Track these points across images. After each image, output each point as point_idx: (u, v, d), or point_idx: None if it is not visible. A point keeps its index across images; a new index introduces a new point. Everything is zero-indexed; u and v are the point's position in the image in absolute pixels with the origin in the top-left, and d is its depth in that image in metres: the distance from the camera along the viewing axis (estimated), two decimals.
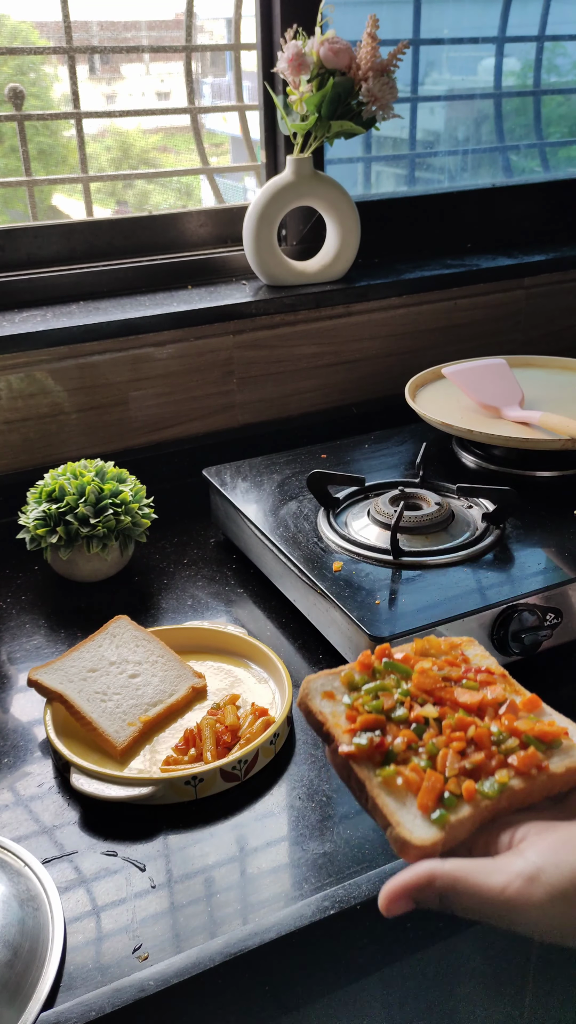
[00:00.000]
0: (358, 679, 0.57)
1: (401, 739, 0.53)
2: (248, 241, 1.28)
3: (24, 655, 0.95)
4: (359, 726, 0.54)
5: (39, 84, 1.34)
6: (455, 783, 0.50)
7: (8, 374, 1.17)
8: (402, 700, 0.55)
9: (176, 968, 0.59)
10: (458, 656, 0.60)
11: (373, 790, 0.51)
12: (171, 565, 1.10)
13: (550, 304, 1.53)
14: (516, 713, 0.55)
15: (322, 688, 0.57)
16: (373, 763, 0.52)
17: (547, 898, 0.44)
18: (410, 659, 0.59)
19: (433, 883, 0.46)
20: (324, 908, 0.63)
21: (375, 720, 0.54)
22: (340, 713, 0.55)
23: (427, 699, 0.56)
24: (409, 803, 0.50)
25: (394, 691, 0.56)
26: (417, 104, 1.57)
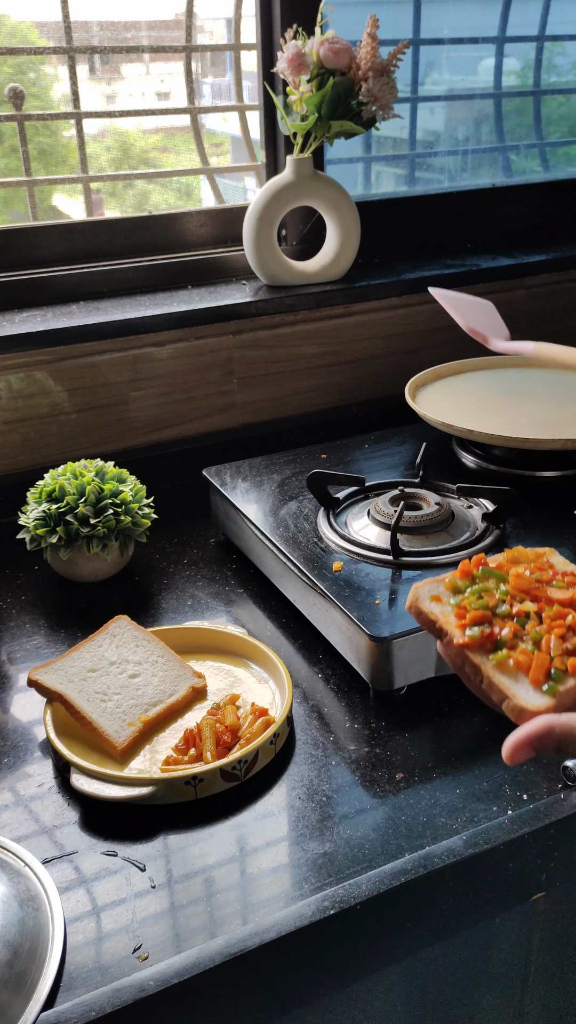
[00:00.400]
0: (461, 584, 0.63)
1: (508, 629, 0.59)
2: (248, 241, 1.28)
3: (24, 655, 0.95)
4: (469, 621, 0.60)
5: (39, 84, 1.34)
6: (560, 661, 0.57)
7: (8, 374, 1.17)
8: (503, 599, 0.62)
9: (176, 968, 0.59)
10: (545, 563, 0.66)
11: (488, 672, 0.58)
12: (171, 565, 1.10)
13: (550, 304, 1.53)
14: None
15: (430, 593, 0.63)
16: (485, 651, 0.59)
17: None
18: (504, 567, 0.65)
19: (552, 731, 0.53)
20: (324, 908, 0.63)
21: (483, 615, 0.60)
22: (449, 612, 0.62)
23: (524, 597, 0.62)
24: (521, 680, 0.57)
25: (495, 591, 0.62)
26: (417, 104, 1.57)
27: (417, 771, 0.77)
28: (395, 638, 0.81)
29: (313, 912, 0.63)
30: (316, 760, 0.79)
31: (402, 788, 0.75)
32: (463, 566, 0.65)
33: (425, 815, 0.72)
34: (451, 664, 0.61)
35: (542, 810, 0.70)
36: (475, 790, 0.75)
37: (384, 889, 0.64)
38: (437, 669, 0.84)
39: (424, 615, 0.63)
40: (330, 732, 0.82)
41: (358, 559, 0.93)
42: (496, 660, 0.58)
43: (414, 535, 0.95)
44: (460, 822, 0.71)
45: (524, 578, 0.63)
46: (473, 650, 0.59)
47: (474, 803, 0.73)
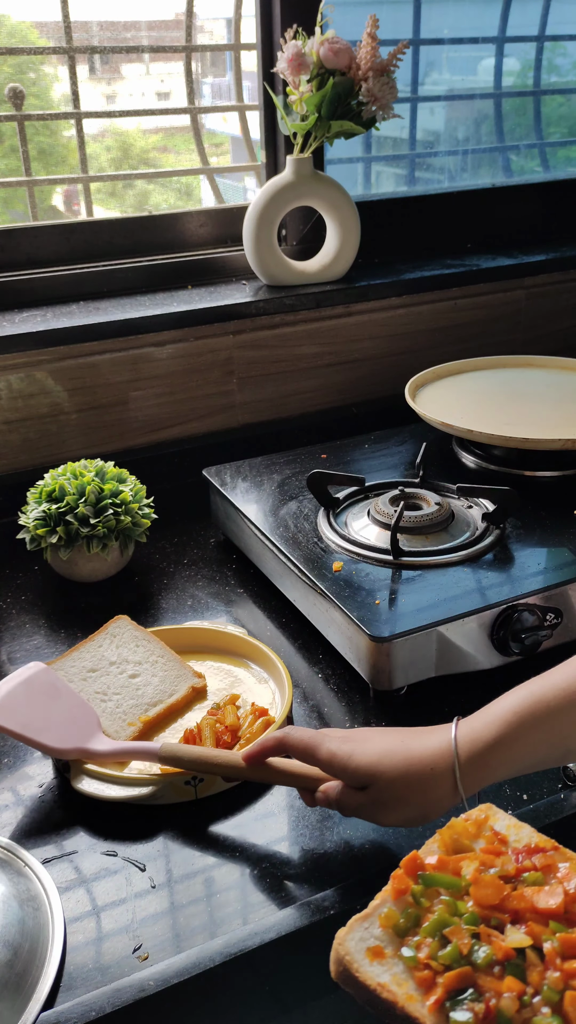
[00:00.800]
0: (401, 918, 0.44)
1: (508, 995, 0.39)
2: (248, 241, 1.28)
3: (24, 655, 0.95)
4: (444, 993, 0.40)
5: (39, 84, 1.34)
6: None
7: (8, 374, 1.17)
8: (474, 931, 0.42)
9: (176, 968, 0.59)
10: (492, 839, 0.48)
11: None
12: (171, 565, 1.10)
13: (550, 304, 1.53)
14: None
15: (364, 945, 0.43)
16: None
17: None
18: (447, 863, 0.46)
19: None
20: (324, 908, 0.63)
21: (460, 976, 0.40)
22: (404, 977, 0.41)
23: (501, 918, 0.43)
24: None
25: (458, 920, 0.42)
26: (417, 104, 1.57)
27: None
28: (395, 638, 0.81)
29: (313, 912, 0.63)
30: None
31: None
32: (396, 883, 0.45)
33: None
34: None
35: (542, 810, 0.70)
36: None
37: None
38: (437, 670, 0.84)
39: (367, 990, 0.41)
40: None
41: (358, 559, 0.93)
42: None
43: (414, 535, 0.95)
44: None
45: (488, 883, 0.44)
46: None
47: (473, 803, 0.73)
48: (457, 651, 0.84)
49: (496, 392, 1.23)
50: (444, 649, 0.83)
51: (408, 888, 0.44)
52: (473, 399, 1.20)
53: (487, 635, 0.85)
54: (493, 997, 0.39)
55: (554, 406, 1.16)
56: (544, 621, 0.86)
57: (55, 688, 0.80)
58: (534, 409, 1.16)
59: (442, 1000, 0.40)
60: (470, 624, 0.84)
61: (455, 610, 0.84)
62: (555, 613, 0.87)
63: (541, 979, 0.39)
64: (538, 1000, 0.39)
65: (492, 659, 0.86)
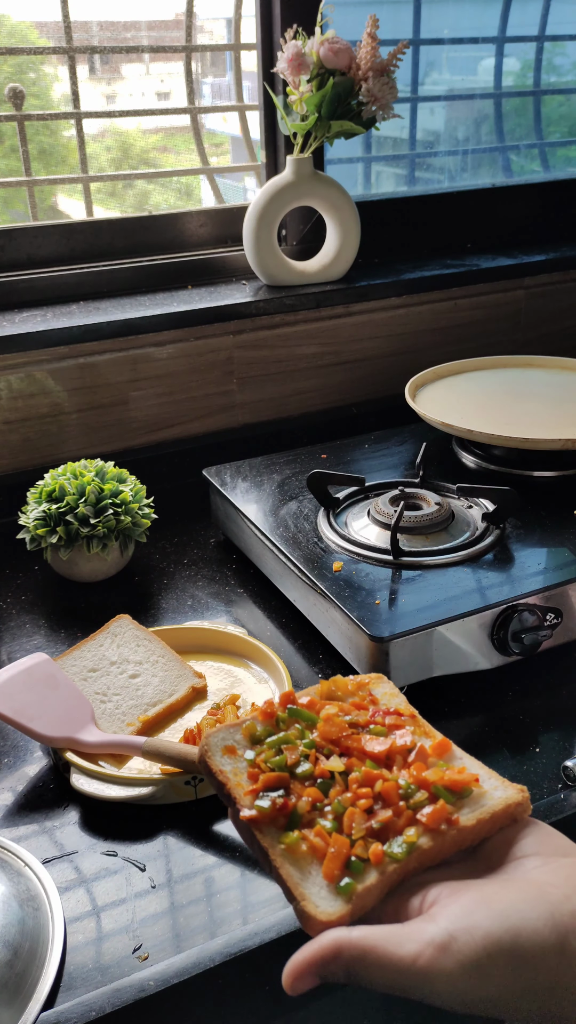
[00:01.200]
0: (261, 731, 0.53)
1: (306, 799, 0.49)
2: (248, 241, 1.28)
3: (24, 655, 0.95)
4: (261, 786, 0.50)
5: (39, 84, 1.34)
6: (362, 846, 0.47)
7: (8, 374, 1.17)
8: (307, 752, 0.52)
9: (176, 968, 0.59)
10: (366, 697, 0.57)
11: (276, 859, 0.47)
12: (171, 565, 1.10)
13: (550, 304, 1.53)
14: (426, 761, 0.52)
15: (223, 743, 0.53)
16: (277, 827, 0.49)
17: (459, 969, 0.41)
18: (316, 704, 0.55)
19: (340, 956, 0.42)
20: None
21: (278, 778, 0.50)
22: (242, 771, 0.51)
23: (333, 750, 0.52)
24: (314, 872, 0.47)
25: (298, 743, 0.52)
26: (417, 104, 1.57)
27: None
28: (395, 638, 0.81)
29: None
30: None
31: None
32: (266, 706, 0.54)
33: None
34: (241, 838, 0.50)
35: (542, 810, 0.70)
36: None
37: None
38: (437, 670, 0.84)
39: (213, 774, 0.51)
40: None
41: (358, 559, 0.93)
42: (287, 843, 0.47)
43: (414, 535, 0.95)
44: None
45: (335, 723, 0.53)
46: (262, 827, 0.48)
47: None
48: (457, 651, 0.84)
49: (496, 392, 1.23)
50: (444, 649, 0.83)
51: (275, 714, 0.54)
52: (473, 399, 1.20)
53: (487, 635, 0.85)
54: (295, 798, 0.49)
55: (554, 406, 1.16)
56: (544, 621, 0.86)
57: (54, 679, 0.83)
58: (534, 409, 1.16)
59: (258, 791, 0.50)
60: (470, 624, 0.84)
61: (455, 610, 0.84)
62: (555, 613, 0.87)
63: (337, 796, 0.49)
64: (328, 810, 0.49)
65: (492, 659, 0.86)
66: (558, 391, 1.22)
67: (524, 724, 0.82)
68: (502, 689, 0.86)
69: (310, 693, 0.56)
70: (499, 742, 0.80)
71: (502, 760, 0.78)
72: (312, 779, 0.50)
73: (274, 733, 0.54)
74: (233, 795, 0.50)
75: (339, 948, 0.42)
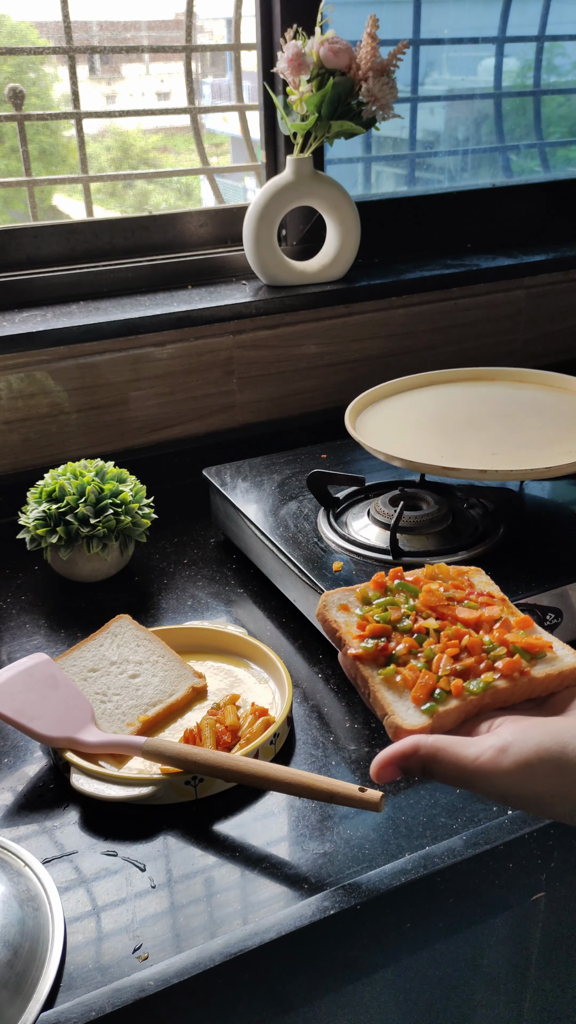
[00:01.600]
0: (371, 595, 0.64)
1: (403, 645, 0.60)
2: (248, 241, 1.28)
3: (24, 655, 0.95)
4: (367, 633, 0.61)
5: (39, 84, 1.34)
6: (446, 681, 0.57)
7: (8, 374, 1.17)
8: (408, 614, 0.62)
9: (176, 968, 0.59)
10: (464, 581, 0.66)
11: (374, 686, 0.58)
12: (171, 565, 1.10)
13: (550, 304, 1.53)
14: (508, 628, 0.61)
15: (339, 602, 0.64)
16: (377, 664, 0.60)
17: (514, 767, 0.50)
18: (420, 581, 0.65)
19: (417, 752, 0.53)
20: (324, 908, 0.63)
21: (382, 628, 0.61)
22: (352, 623, 0.63)
23: (431, 614, 0.62)
24: (404, 697, 0.57)
25: (402, 606, 0.63)
26: (417, 104, 1.57)
27: None
28: None
29: (313, 912, 0.63)
30: (316, 760, 0.79)
31: (402, 788, 0.75)
32: (377, 578, 0.65)
33: (425, 815, 0.72)
34: (347, 674, 0.62)
35: None
36: None
37: (384, 889, 0.64)
38: None
39: (328, 623, 0.63)
40: (330, 732, 0.82)
41: (358, 559, 0.93)
42: (384, 675, 0.59)
43: (414, 535, 0.95)
44: (460, 822, 0.71)
45: (435, 594, 0.63)
46: (365, 662, 0.60)
47: (474, 803, 0.73)
48: None
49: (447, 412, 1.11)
50: None
51: (385, 584, 0.65)
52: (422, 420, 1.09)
53: None
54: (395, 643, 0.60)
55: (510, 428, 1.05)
56: (544, 621, 0.86)
57: (54, 679, 0.83)
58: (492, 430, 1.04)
59: (364, 636, 0.61)
60: None
61: None
62: (555, 613, 0.87)
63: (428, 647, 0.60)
64: (421, 655, 0.59)
65: None
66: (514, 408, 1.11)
67: None
68: None
69: (416, 573, 0.66)
70: None
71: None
72: (411, 633, 0.61)
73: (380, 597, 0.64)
74: (343, 638, 0.61)
75: (417, 746, 0.53)
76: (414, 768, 0.53)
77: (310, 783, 0.68)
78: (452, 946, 0.73)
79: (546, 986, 0.80)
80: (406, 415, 1.11)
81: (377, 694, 0.58)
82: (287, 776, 0.69)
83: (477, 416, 1.09)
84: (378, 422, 1.09)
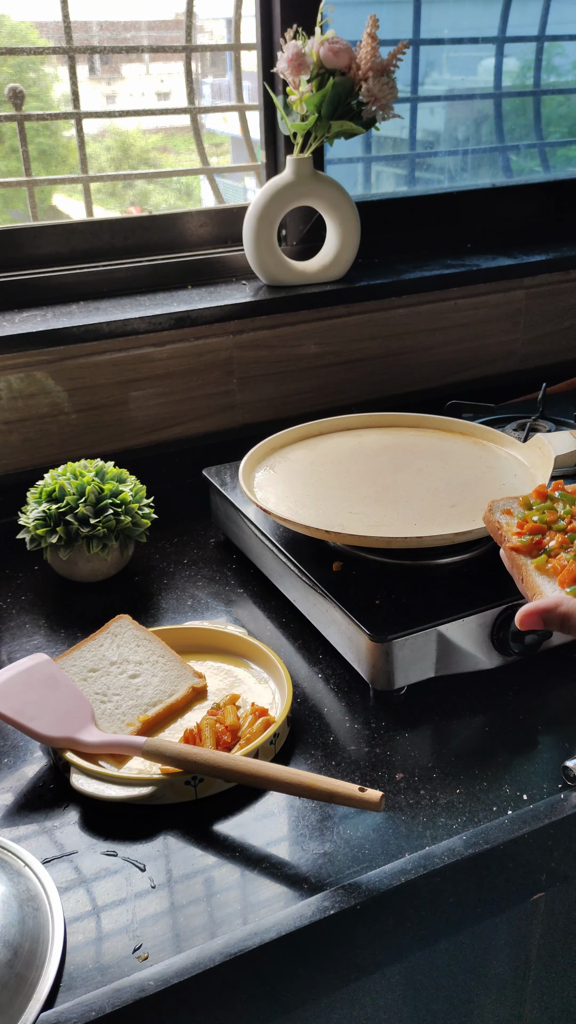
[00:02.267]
0: (533, 502, 0.72)
1: (556, 541, 0.68)
2: (248, 241, 1.28)
3: (24, 655, 0.95)
4: (525, 530, 0.69)
5: (39, 84, 1.34)
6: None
7: (8, 374, 1.17)
8: (564, 516, 0.70)
9: (176, 968, 0.59)
10: None
11: (527, 572, 0.66)
12: (171, 565, 1.10)
13: (550, 304, 1.53)
14: None
15: (503, 507, 0.73)
16: (531, 555, 0.68)
17: None
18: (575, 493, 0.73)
19: (559, 606, 0.61)
20: (324, 908, 0.63)
21: (537, 527, 0.69)
22: (513, 523, 0.71)
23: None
24: (552, 581, 0.66)
25: (559, 510, 0.71)
26: (417, 104, 1.57)
27: (417, 771, 0.77)
28: (395, 638, 0.81)
29: (313, 912, 0.63)
30: (316, 760, 0.79)
31: (402, 788, 0.75)
32: (539, 488, 0.74)
33: (425, 815, 0.72)
34: (507, 566, 0.71)
35: (542, 810, 0.70)
36: (475, 790, 0.75)
37: (384, 889, 0.64)
38: (437, 670, 0.84)
39: (491, 523, 0.73)
40: (330, 732, 0.82)
41: (358, 559, 0.93)
42: (536, 563, 0.67)
43: None
44: (460, 822, 0.71)
45: None
46: (521, 553, 0.68)
47: (474, 803, 0.73)
48: (457, 651, 0.84)
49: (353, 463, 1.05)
50: (444, 649, 0.83)
51: (546, 493, 0.73)
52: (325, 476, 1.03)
53: (487, 635, 0.85)
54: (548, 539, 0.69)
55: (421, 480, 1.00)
56: None
57: (54, 679, 0.83)
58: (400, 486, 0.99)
59: (522, 533, 0.70)
60: (470, 624, 0.84)
61: (455, 610, 0.84)
62: None
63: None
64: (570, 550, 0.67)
65: (492, 659, 0.86)
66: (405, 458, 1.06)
67: (524, 724, 0.82)
68: (502, 689, 0.86)
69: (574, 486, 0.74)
70: (499, 742, 0.80)
71: (502, 760, 0.78)
72: (564, 532, 0.68)
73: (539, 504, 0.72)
74: (503, 534, 0.70)
75: (560, 602, 0.61)
76: (554, 621, 0.61)
77: (310, 783, 0.68)
78: (452, 946, 0.73)
79: (546, 986, 0.80)
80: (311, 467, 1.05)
81: (528, 578, 0.66)
82: (287, 776, 0.69)
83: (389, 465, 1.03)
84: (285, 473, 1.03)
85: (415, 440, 1.11)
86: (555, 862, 0.71)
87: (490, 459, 1.04)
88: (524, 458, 1.03)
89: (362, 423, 1.16)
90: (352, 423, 1.16)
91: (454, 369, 1.49)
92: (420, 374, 1.46)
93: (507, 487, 0.96)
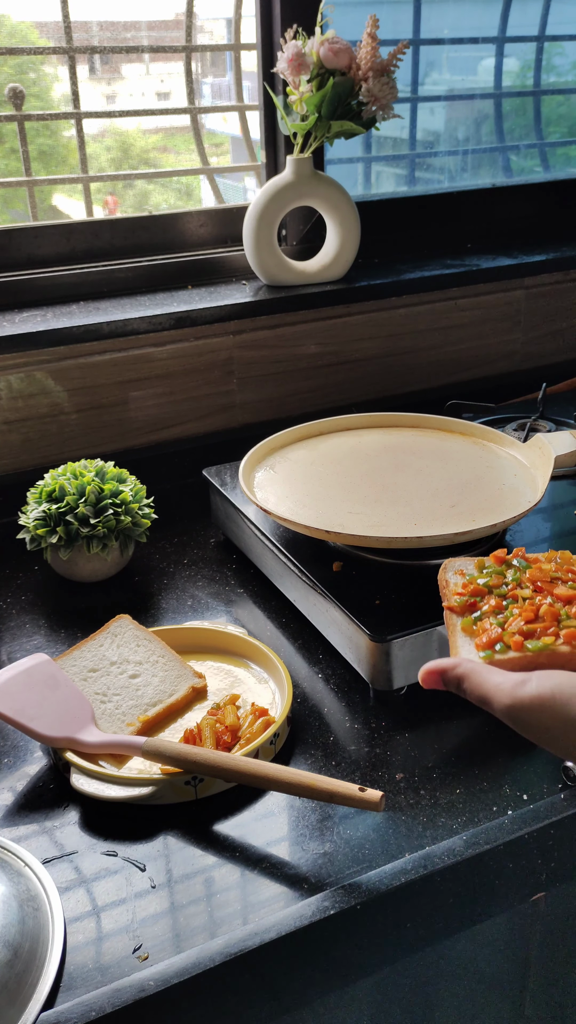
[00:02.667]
0: (487, 565, 0.72)
1: (488, 606, 0.67)
2: (248, 241, 1.28)
3: (24, 655, 0.95)
4: (466, 592, 0.69)
5: (39, 84, 1.34)
6: (509, 636, 0.63)
7: (8, 374, 1.17)
8: (509, 583, 0.69)
9: (176, 968, 0.59)
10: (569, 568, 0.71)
11: (452, 631, 0.66)
12: (171, 565, 1.10)
13: (550, 304, 1.53)
14: None
15: (457, 567, 0.73)
16: (462, 615, 0.67)
17: (530, 699, 0.56)
18: (539, 561, 0.71)
19: (456, 669, 0.60)
20: (324, 908, 0.63)
21: (478, 589, 0.69)
22: (459, 583, 0.71)
23: (530, 586, 0.68)
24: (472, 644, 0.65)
25: (507, 575, 0.70)
26: (417, 104, 1.57)
27: (417, 771, 0.77)
28: (395, 638, 0.81)
29: (313, 912, 0.63)
30: (316, 760, 0.79)
31: (402, 788, 0.75)
32: (498, 552, 0.73)
33: (425, 815, 0.72)
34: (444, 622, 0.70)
35: (542, 810, 0.70)
36: (475, 790, 0.75)
37: (384, 889, 0.64)
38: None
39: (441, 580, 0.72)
40: (330, 732, 0.82)
41: (358, 559, 0.93)
42: (463, 623, 0.66)
43: None
44: (460, 822, 0.71)
45: (543, 571, 0.69)
46: (455, 613, 0.68)
47: (474, 803, 0.73)
48: None
49: (352, 463, 1.05)
50: (444, 649, 0.83)
51: (503, 559, 0.72)
52: (326, 475, 1.03)
53: None
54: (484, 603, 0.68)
55: (419, 480, 1.00)
56: None
57: (55, 679, 0.83)
58: (400, 487, 0.99)
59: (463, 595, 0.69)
60: None
61: None
62: None
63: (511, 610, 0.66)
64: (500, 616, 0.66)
65: None
66: (417, 459, 1.06)
67: None
68: None
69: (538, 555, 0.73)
70: (499, 742, 0.80)
71: (502, 760, 0.78)
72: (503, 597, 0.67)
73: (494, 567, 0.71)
74: (446, 593, 0.70)
75: (458, 663, 0.60)
76: (451, 681, 0.60)
77: (310, 783, 0.68)
78: (452, 946, 0.73)
79: (546, 986, 0.80)
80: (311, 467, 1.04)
81: (452, 638, 0.66)
82: (287, 776, 0.69)
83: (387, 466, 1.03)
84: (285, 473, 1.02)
85: (415, 440, 1.11)
86: (555, 862, 0.71)
87: (490, 459, 1.05)
88: (524, 458, 1.03)
89: (362, 423, 1.16)
90: (352, 423, 1.16)
91: (454, 369, 1.49)
92: (420, 374, 1.46)
93: (507, 487, 0.97)
